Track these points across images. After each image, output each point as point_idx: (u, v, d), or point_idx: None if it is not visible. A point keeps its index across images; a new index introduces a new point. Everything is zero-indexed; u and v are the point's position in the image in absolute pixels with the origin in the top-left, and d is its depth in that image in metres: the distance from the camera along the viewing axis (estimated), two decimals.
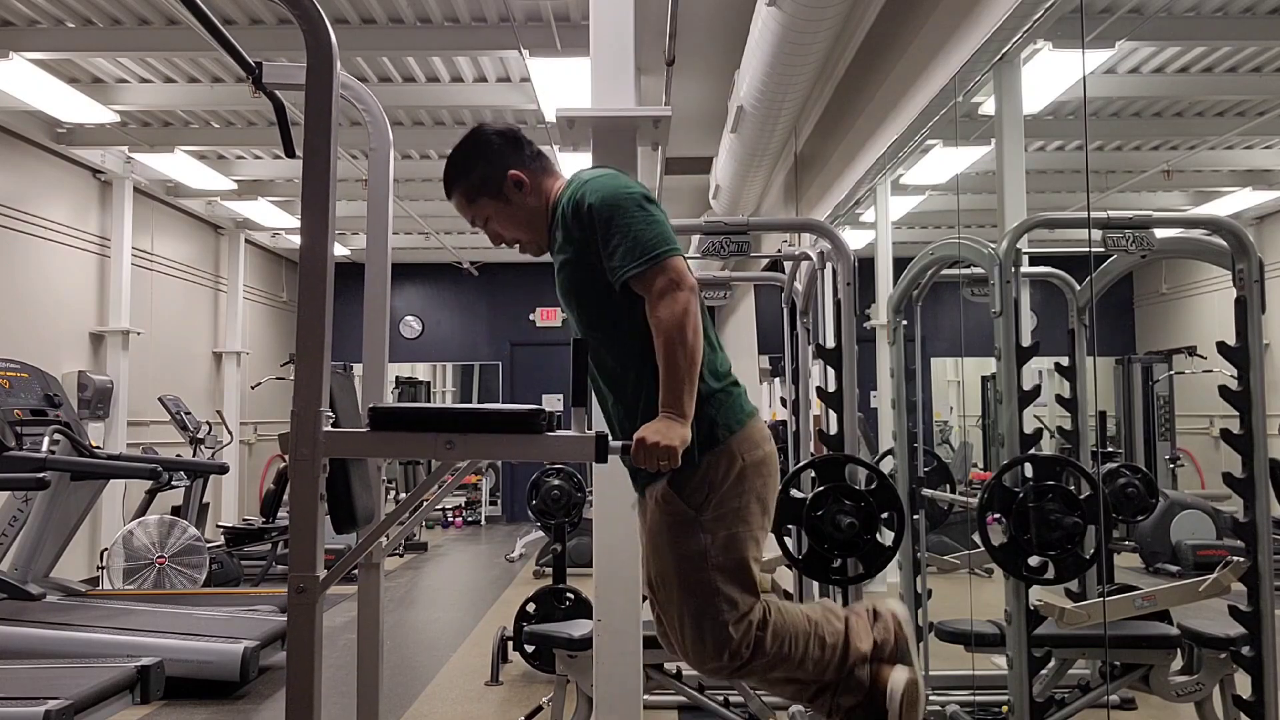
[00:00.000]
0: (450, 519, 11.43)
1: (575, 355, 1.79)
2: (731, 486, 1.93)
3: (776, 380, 7.51)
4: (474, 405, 2.08)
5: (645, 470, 1.96)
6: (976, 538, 2.98)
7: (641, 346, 1.95)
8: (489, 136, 2.10)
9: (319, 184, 1.78)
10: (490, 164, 2.06)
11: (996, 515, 2.72)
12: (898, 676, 1.99)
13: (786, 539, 2.91)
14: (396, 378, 11.77)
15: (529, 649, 4.53)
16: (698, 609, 1.91)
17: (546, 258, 2.14)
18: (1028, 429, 2.82)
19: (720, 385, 1.98)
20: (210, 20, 1.90)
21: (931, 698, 3.81)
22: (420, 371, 12.39)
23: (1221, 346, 2.77)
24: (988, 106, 3.60)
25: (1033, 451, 2.80)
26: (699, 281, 2.00)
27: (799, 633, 1.96)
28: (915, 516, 3.89)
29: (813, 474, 2.90)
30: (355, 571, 2.23)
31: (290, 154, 2.17)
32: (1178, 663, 3.21)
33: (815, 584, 3.65)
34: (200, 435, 7.63)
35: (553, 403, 11.26)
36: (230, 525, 7.79)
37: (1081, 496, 2.66)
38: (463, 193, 2.09)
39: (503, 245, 2.14)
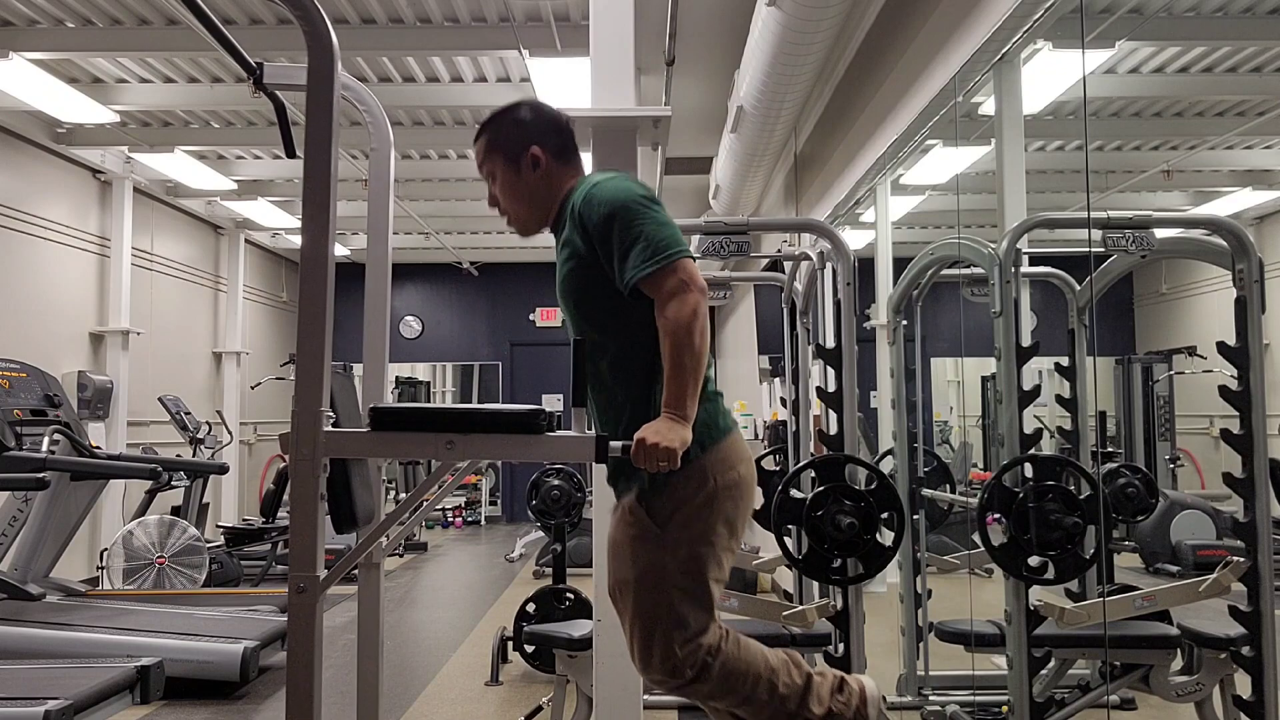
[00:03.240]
0: (450, 519, 11.43)
1: (575, 355, 1.79)
2: (699, 506, 1.90)
3: (776, 380, 7.50)
4: (474, 405, 2.08)
5: (623, 475, 1.96)
6: (976, 538, 2.97)
7: (637, 350, 1.94)
8: (536, 109, 2.12)
9: (320, 184, 1.78)
10: (521, 130, 2.07)
11: (996, 515, 2.72)
12: None
13: (786, 539, 2.91)
14: (396, 378, 11.77)
15: (529, 649, 4.53)
16: (649, 622, 1.90)
17: (546, 256, 2.13)
18: (1028, 429, 2.82)
19: (701, 396, 1.94)
20: (211, 21, 1.90)
21: (931, 698, 3.82)
22: (420, 371, 12.39)
23: (1221, 346, 2.77)
24: (988, 106, 3.60)
25: (1033, 451, 2.80)
26: None
27: (750, 671, 1.93)
28: (915, 516, 3.89)
29: (813, 474, 2.90)
30: (355, 571, 2.24)
31: (291, 154, 2.17)
32: (1178, 663, 3.20)
33: (815, 584, 3.65)
34: (200, 435, 7.63)
35: (552, 403, 11.26)
36: (230, 525, 7.79)
37: (1081, 496, 2.66)
38: (486, 141, 2.09)
39: (495, 211, 2.13)
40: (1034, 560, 2.68)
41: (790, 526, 2.89)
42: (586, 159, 2.90)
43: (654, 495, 1.90)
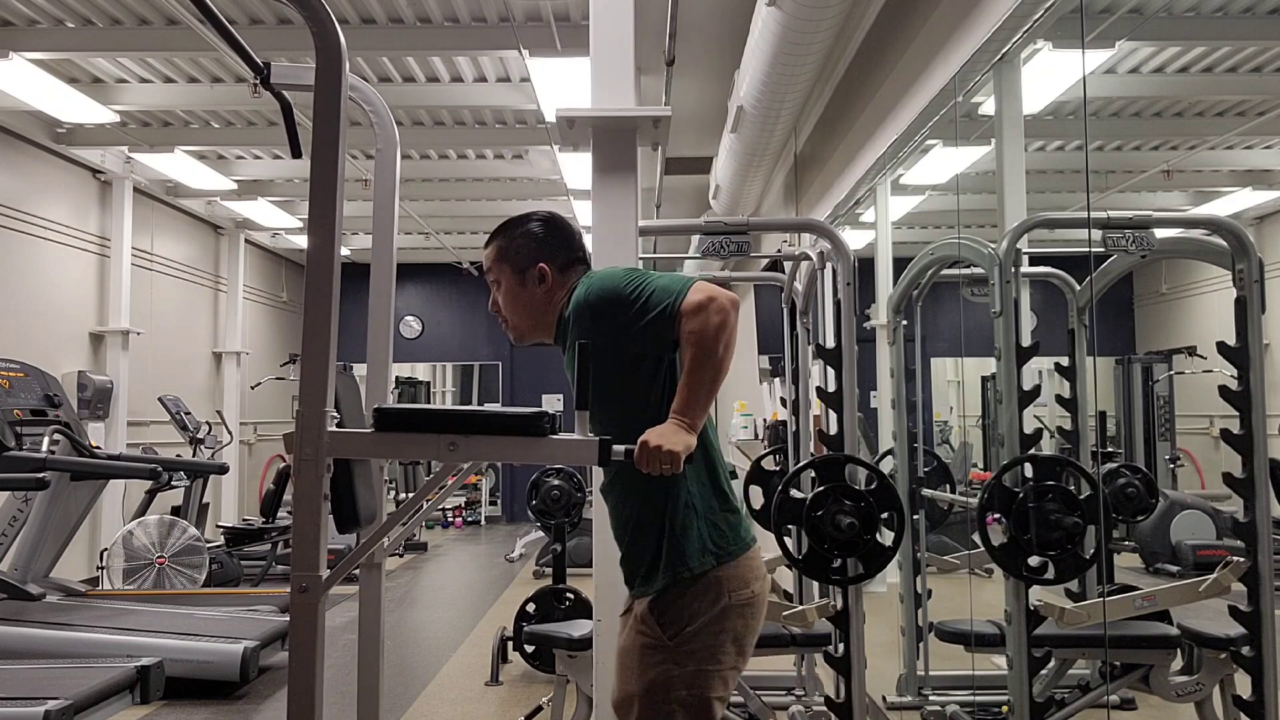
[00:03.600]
0: (450, 519, 11.44)
1: (580, 358, 1.79)
2: (711, 622, 1.88)
3: (776, 380, 7.50)
4: (478, 407, 2.07)
5: (639, 578, 1.94)
6: (976, 538, 2.98)
7: (643, 415, 1.90)
8: (549, 224, 2.11)
9: (327, 185, 1.78)
10: (532, 245, 2.07)
11: (996, 515, 2.72)
12: None
13: (786, 539, 2.91)
14: (396, 378, 11.75)
15: (529, 649, 4.53)
16: None
17: None
18: (1028, 429, 2.83)
19: (721, 509, 1.94)
20: (220, 21, 1.90)
21: (931, 698, 3.82)
22: (420, 371, 12.39)
23: (1221, 346, 2.78)
24: (988, 106, 3.60)
25: (1033, 451, 2.80)
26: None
27: None
28: (915, 516, 3.89)
29: (813, 474, 2.90)
30: (355, 571, 2.24)
31: (297, 154, 2.17)
32: (1178, 663, 3.21)
33: (815, 584, 3.66)
34: (200, 435, 7.63)
35: (553, 403, 11.26)
36: (230, 525, 7.79)
37: (1081, 496, 2.67)
38: (497, 250, 2.10)
39: (496, 317, 2.13)
40: (1034, 560, 2.69)
41: (790, 526, 2.89)
42: (585, 158, 2.91)
43: (667, 604, 1.89)
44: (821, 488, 2.80)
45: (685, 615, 1.88)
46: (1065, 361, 3.79)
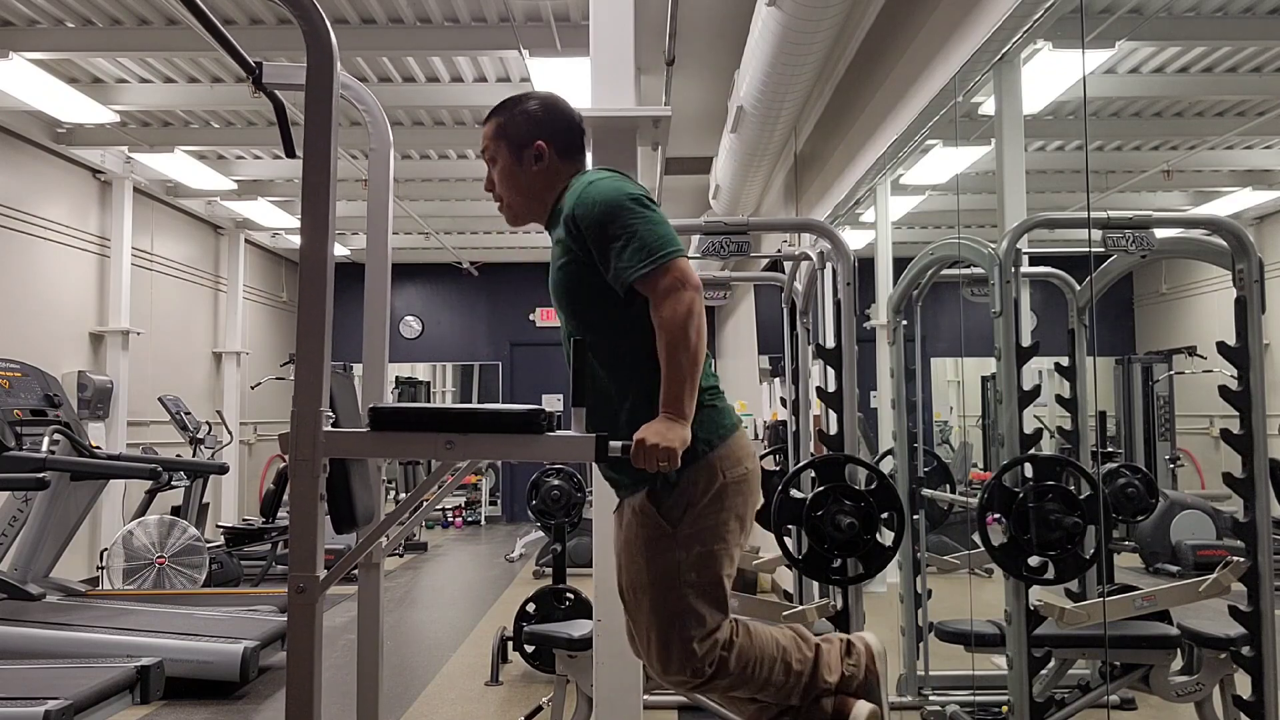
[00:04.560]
0: (450, 519, 11.43)
1: (575, 355, 1.79)
2: (710, 503, 1.91)
3: (776, 380, 7.50)
4: (474, 405, 2.08)
5: (625, 479, 1.96)
6: (976, 538, 2.97)
7: (632, 350, 1.94)
8: (550, 104, 2.11)
9: (319, 184, 1.78)
10: (531, 122, 2.07)
11: (996, 515, 2.72)
12: (859, 710, 2.00)
13: (786, 539, 2.91)
14: (396, 378, 11.77)
15: (529, 649, 4.53)
16: (666, 623, 1.90)
17: (546, 256, 2.13)
18: (1028, 429, 2.82)
19: (706, 396, 1.94)
20: (210, 20, 1.90)
21: (931, 698, 3.82)
22: (420, 371, 12.39)
23: (1221, 346, 2.77)
24: (988, 106, 3.60)
25: (1033, 451, 2.80)
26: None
27: (765, 656, 1.95)
28: (915, 516, 3.89)
29: (813, 474, 2.90)
30: (355, 571, 2.24)
31: (290, 154, 2.17)
32: (1178, 663, 3.20)
33: (815, 584, 3.65)
34: (200, 435, 7.63)
35: (552, 403, 11.26)
36: (230, 525, 7.79)
37: (1081, 496, 2.66)
38: (495, 126, 2.10)
39: (489, 195, 2.13)
40: (1034, 560, 2.68)
41: (790, 526, 2.89)
42: (586, 159, 2.91)
43: (665, 494, 1.90)
44: (821, 488, 2.80)
45: (684, 501, 1.91)
46: (1065, 361, 3.79)
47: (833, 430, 3.06)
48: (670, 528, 1.90)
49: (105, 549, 6.15)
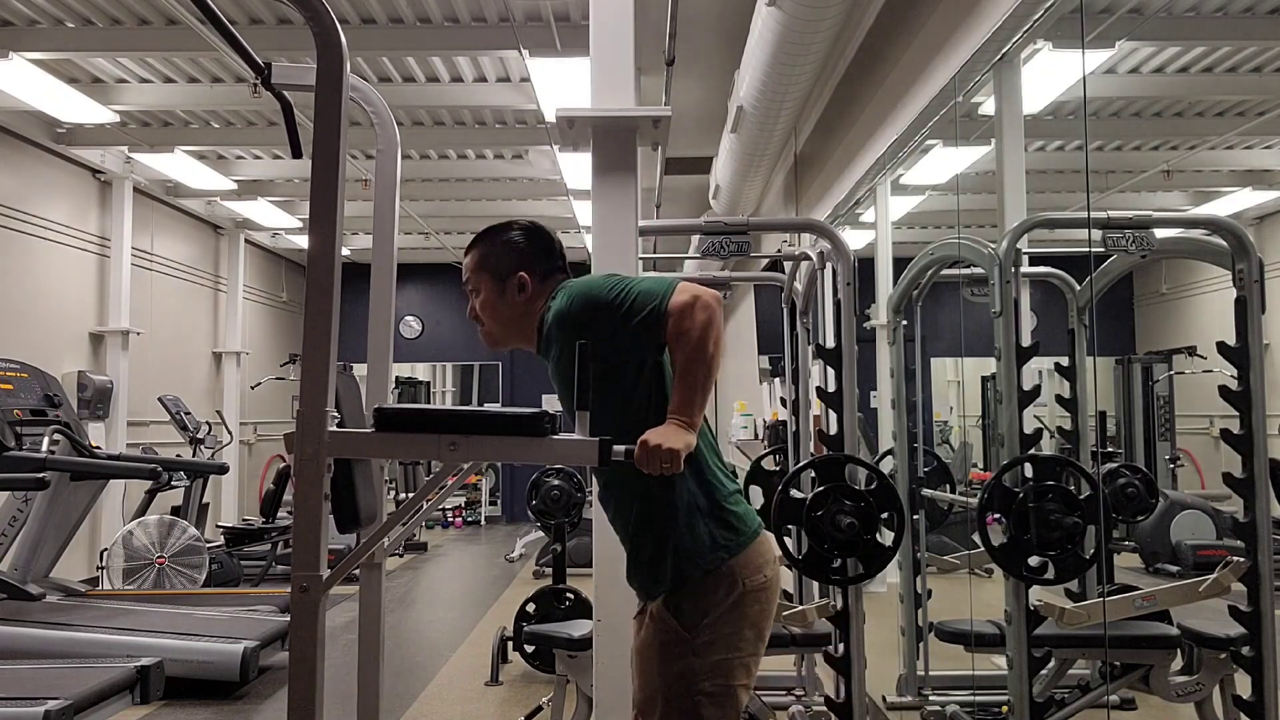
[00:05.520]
0: (450, 519, 11.43)
1: (580, 358, 1.79)
2: (728, 611, 1.89)
3: (776, 380, 7.50)
4: (478, 408, 2.07)
5: (651, 578, 1.93)
6: (976, 538, 2.98)
7: (641, 415, 1.90)
8: (531, 233, 2.10)
9: (328, 185, 1.78)
10: (513, 254, 2.07)
11: (996, 515, 2.72)
12: None
13: (786, 539, 2.91)
14: (396, 378, 11.75)
15: (529, 649, 4.53)
16: None
17: None
18: (1028, 429, 2.82)
19: (725, 501, 1.93)
20: (221, 21, 1.90)
21: (931, 698, 3.82)
22: (420, 371, 12.39)
23: (1221, 346, 2.77)
24: (988, 106, 3.60)
25: (1033, 451, 2.80)
26: (698, 282, 2.00)
27: None
28: (915, 516, 3.89)
29: (813, 474, 2.90)
30: (355, 571, 2.24)
31: (298, 155, 2.17)
32: (1178, 663, 3.21)
33: (815, 584, 3.66)
34: (200, 435, 7.63)
35: (552, 403, 11.24)
36: (230, 525, 7.79)
37: (1081, 496, 2.67)
38: (477, 257, 2.10)
39: (475, 324, 2.12)
40: (1034, 560, 2.68)
41: (790, 526, 2.89)
42: (585, 158, 2.91)
43: (682, 598, 1.89)
44: (821, 488, 2.80)
45: (702, 608, 1.89)
46: (1065, 361, 3.79)
47: (833, 430, 3.06)
48: (687, 634, 1.88)
49: (105, 549, 6.15)
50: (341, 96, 1.78)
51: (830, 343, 3.11)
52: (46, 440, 4.62)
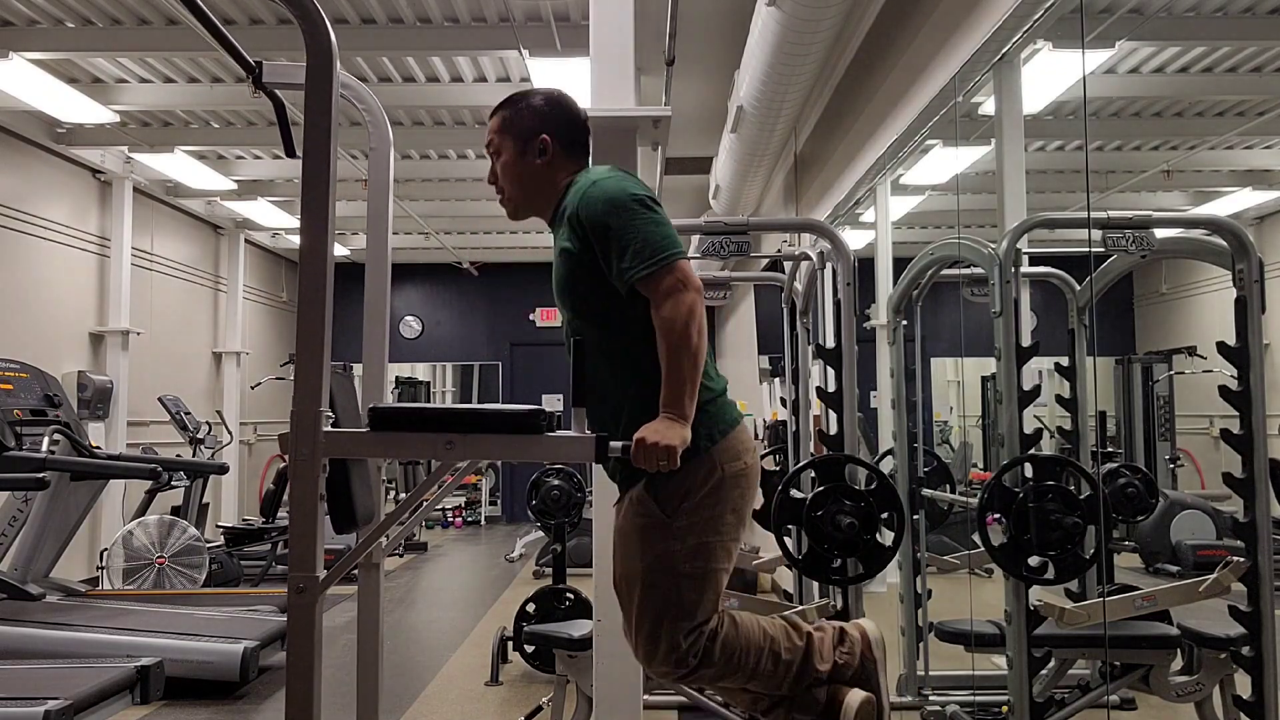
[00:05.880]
0: (450, 519, 11.43)
1: (575, 355, 1.79)
2: (708, 495, 1.92)
3: (776, 380, 7.51)
4: (474, 405, 2.08)
5: (625, 471, 1.96)
6: (976, 538, 2.97)
7: (632, 349, 1.94)
8: (556, 101, 2.14)
9: (319, 184, 1.78)
10: (537, 117, 2.10)
11: (996, 515, 2.72)
12: (852, 699, 1.99)
13: (786, 539, 2.91)
14: (396, 378, 11.77)
15: (529, 649, 4.53)
16: (656, 613, 1.91)
17: (546, 256, 2.14)
18: (1028, 429, 2.82)
19: (706, 394, 1.95)
20: (210, 20, 1.90)
21: (931, 698, 3.82)
22: (420, 371, 12.39)
23: (1221, 346, 2.77)
24: (988, 106, 3.60)
25: (1033, 451, 2.80)
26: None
27: (751, 646, 1.95)
28: (915, 516, 3.89)
29: (813, 474, 2.90)
30: (355, 571, 2.23)
31: (290, 154, 2.17)
32: (1178, 663, 3.20)
33: (815, 584, 3.65)
34: (200, 435, 7.63)
35: (552, 403, 11.26)
36: (230, 525, 7.79)
37: (1081, 496, 2.66)
38: (501, 119, 2.13)
39: (492, 188, 2.15)
40: (1034, 560, 2.68)
41: (790, 526, 2.89)
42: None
43: (663, 482, 1.91)
44: (821, 488, 2.80)
45: (681, 491, 1.91)
46: (1065, 361, 3.79)
47: (833, 430, 3.06)
48: (666, 518, 1.91)
49: (105, 549, 6.15)
50: (331, 94, 1.78)
51: (830, 343, 3.11)
52: (46, 440, 4.62)
